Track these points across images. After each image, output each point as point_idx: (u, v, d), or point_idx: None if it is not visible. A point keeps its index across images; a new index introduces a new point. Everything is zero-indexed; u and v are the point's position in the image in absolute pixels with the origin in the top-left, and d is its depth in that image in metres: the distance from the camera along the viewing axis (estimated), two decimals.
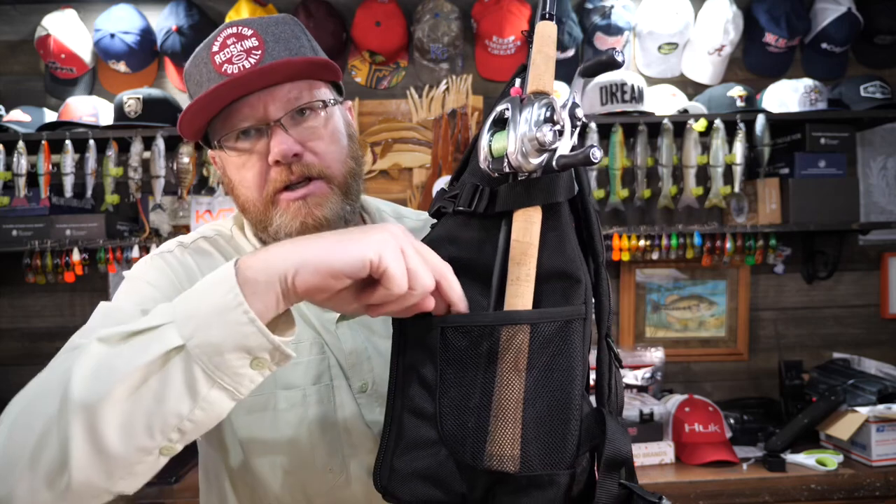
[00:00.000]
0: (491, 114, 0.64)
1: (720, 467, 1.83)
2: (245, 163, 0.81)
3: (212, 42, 0.80)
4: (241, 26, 0.79)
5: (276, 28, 0.80)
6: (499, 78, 2.37)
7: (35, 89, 2.40)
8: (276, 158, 0.77)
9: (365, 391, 0.85)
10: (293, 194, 0.79)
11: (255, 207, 0.82)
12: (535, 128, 0.58)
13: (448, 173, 2.27)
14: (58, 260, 2.10)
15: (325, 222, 0.80)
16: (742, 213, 2.26)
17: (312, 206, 0.80)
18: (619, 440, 0.59)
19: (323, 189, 0.81)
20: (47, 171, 2.08)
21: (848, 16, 2.25)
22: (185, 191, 2.14)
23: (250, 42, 0.78)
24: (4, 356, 2.39)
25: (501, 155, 0.60)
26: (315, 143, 0.80)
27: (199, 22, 2.26)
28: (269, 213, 0.81)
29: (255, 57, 0.77)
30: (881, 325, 2.43)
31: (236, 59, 0.77)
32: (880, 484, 1.76)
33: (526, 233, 0.60)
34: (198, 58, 0.81)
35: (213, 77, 0.78)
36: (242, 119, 0.79)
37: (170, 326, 0.56)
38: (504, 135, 0.60)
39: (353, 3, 2.32)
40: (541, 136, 0.57)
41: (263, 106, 0.78)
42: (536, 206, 0.60)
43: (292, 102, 0.79)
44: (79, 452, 0.55)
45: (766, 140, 2.14)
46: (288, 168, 0.79)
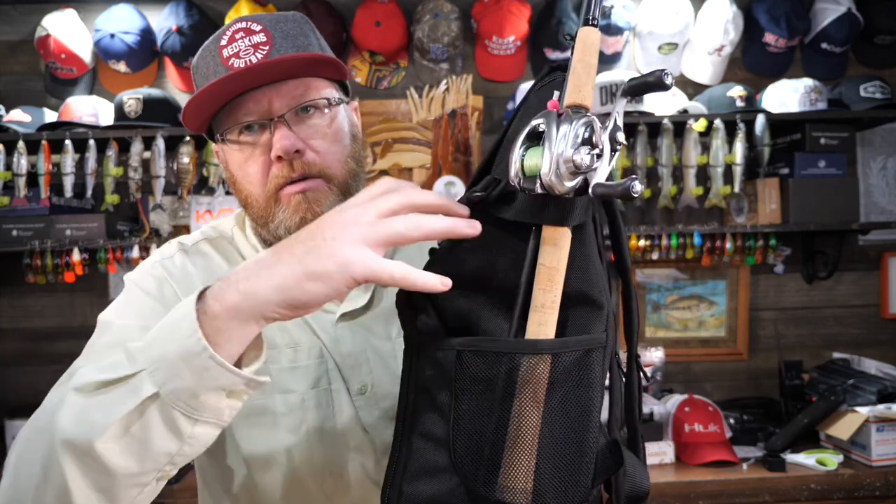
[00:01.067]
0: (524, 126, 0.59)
1: (720, 467, 1.84)
2: (248, 158, 0.80)
3: (220, 36, 0.80)
4: (250, 21, 0.79)
5: (286, 25, 0.80)
6: (499, 78, 2.37)
7: (35, 89, 2.40)
8: (278, 154, 0.77)
9: (364, 393, 0.85)
10: (293, 188, 0.79)
11: (257, 203, 0.81)
12: (573, 149, 0.54)
13: (448, 173, 2.27)
14: (58, 260, 2.10)
15: None
16: (742, 213, 2.26)
17: (312, 201, 0.79)
18: (638, 474, 0.58)
19: (321, 185, 0.80)
20: (47, 171, 2.08)
21: (848, 16, 2.25)
22: (185, 191, 2.14)
23: (258, 37, 0.78)
24: (4, 356, 2.39)
25: (534, 174, 0.56)
26: (317, 142, 0.80)
27: (199, 22, 2.26)
28: (270, 209, 0.80)
29: (262, 52, 0.77)
30: (881, 325, 2.43)
31: (244, 53, 0.77)
32: (880, 484, 1.76)
33: (554, 257, 0.57)
34: (206, 51, 0.81)
35: (219, 70, 0.78)
36: (247, 113, 0.78)
37: (143, 375, 0.56)
38: (538, 152, 0.56)
39: (353, 3, 2.32)
40: (578, 158, 0.54)
41: (268, 101, 0.78)
42: (567, 227, 0.57)
43: (297, 99, 0.79)
44: (79, 493, 0.57)
45: (765, 140, 2.14)
46: (290, 164, 0.78)
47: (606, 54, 2.34)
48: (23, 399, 2.31)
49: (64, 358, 2.67)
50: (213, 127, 0.84)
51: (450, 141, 2.31)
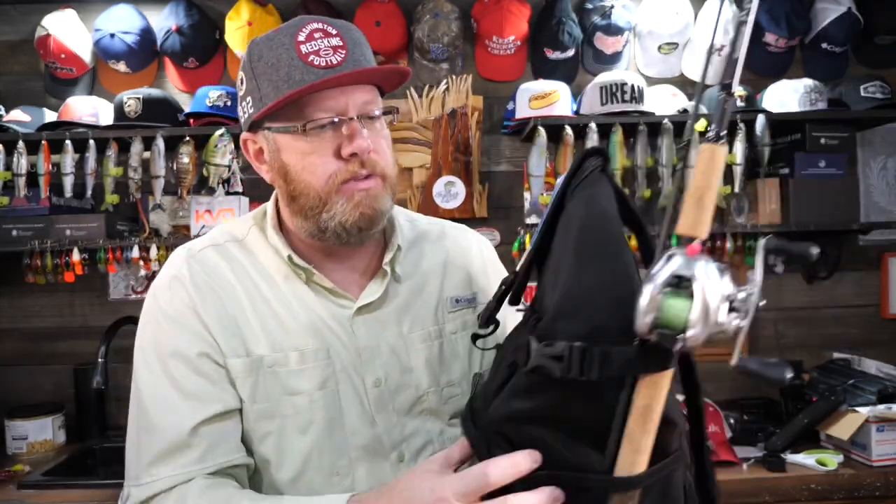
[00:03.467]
0: (659, 263, 0.54)
1: (720, 467, 1.83)
2: (315, 150, 0.83)
3: (296, 31, 0.82)
4: (325, 24, 0.83)
5: (353, 33, 0.85)
6: (499, 78, 2.37)
7: (35, 89, 2.40)
8: (354, 151, 0.82)
9: (378, 386, 0.89)
10: (360, 184, 0.84)
11: (314, 192, 0.84)
12: (725, 313, 0.52)
13: (448, 173, 2.27)
14: (58, 260, 2.10)
15: (380, 214, 0.86)
16: (742, 213, 2.26)
17: (371, 199, 0.84)
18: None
19: (380, 185, 0.86)
20: (47, 171, 2.08)
21: (848, 16, 2.25)
22: (185, 191, 2.14)
23: (336, 41, 0.82)
24: (4, 356, 2.39)
25: (676, 328, 0.52)
26: (379, 145, 0.86)
27: (199, 22, 2.26)
28: (330, 199, 0.83)
29: (340, 55, 0.81)
30: (881, 325, 2.43)
31: (324, 52, 0.81)
32: (880, 484, 1.76)
33: (654, 398, 0.56)
34: (274, 42, 0.82)
35: (295, 64, 0.80)
36: (323, 110, 0.82)
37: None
38: (684, 306, 0.52)
39: (353, 3, 2.32)
40: (725, 326, 0.52)
41: (346, 102, 0.82)
42: (670, 370, 0.56)
43: (367, 105, 0.85)
44: None
45: (766, 140, 2.13)
46: (360, 162, 0.83)
47: (606, 54, 2.34)
48: (22, 399, 2.31)
49: (63, 358, 2.68)
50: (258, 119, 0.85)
51: (450, 141, 2.31)
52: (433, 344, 0.94)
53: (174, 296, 0.86)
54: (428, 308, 0.95)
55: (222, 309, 0.86)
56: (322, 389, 0.86)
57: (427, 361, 0.92)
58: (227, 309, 0.86)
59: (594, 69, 2.35)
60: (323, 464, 0.85)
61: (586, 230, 0.64)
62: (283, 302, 0.88)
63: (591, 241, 0.63)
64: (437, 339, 0.95)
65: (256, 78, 0.83)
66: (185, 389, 0.82)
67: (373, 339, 0.90)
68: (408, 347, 0.92)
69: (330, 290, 0.90)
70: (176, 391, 0.82)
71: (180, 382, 0.82)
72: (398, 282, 0.95)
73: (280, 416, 0.85)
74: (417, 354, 0.92)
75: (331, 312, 0.89)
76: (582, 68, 2.39)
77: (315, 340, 0.87)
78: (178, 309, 0.85)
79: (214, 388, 0.83)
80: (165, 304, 0.86)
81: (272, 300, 0.88)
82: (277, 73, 0.81)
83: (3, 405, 2.24)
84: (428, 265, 0.98)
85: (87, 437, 2.22)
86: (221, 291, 0.87)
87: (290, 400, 0.85)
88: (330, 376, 0.87)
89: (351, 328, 0.89)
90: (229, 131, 2.09)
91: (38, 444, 2.10)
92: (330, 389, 0.86)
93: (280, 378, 0.85)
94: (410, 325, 0.93)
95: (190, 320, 0.84)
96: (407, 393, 0.91)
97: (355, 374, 0.88)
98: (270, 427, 0.85)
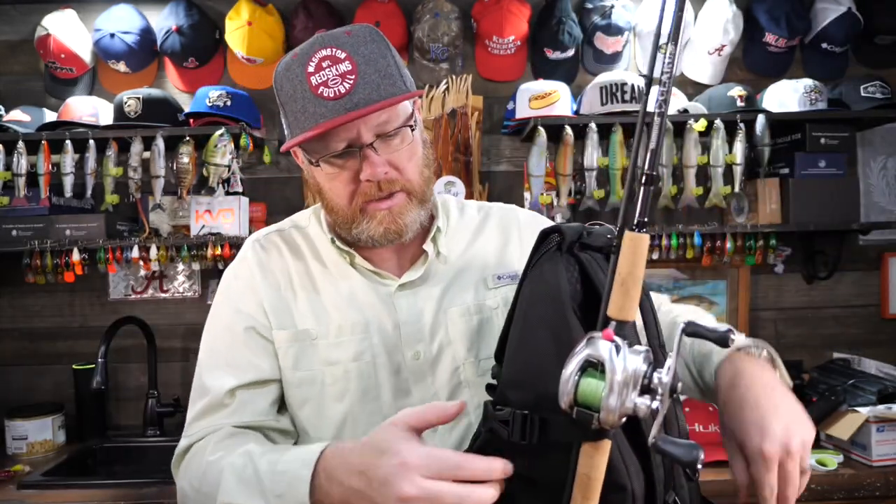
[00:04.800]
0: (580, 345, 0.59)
1: (720, 467, 1.83)
2: (337, 176, 0.90)
3: (307, 61, 0.86)
4: (334, 48, 0.86)
5: (366, 48, 0.87)
6: (499, 78, 2.37)
7: (35, 89, 2.40)
8: (367, 178, 0.88)
9: (418, 359, 0.96)
10: (380, 205, 0.91)
11: (343, 212, 0.93)
12: (636, 397, 0.55)
13: (448, 173, 2.27)
14: (57, 260, 2.10)
15: (405, 229, 0.93)
16: (742, 213, 2.26)
17: (395, 215, 0.91)
18: None
19: (403, 200, 0.92)
20: (47, 171, 2.08)
21: (848, 16, 2.25)
22: (185, 191, 2.13)
23: (344, 66, 0.85)
24: (4, 356, 2.39)
25: (590, 407, 0.57)
26: (399, 162, 0.90)
27: (199, 22, 2.26)
28: (356, 219, 0.92)
29: (349, 82, 0.84)
30: (881, 325, 2.43)
31: (332, 83, 0.84)
32: (880, 484, 1.76)
33: (592, 467, 0.60)
34: (291, 73, 0.88)
35: (308, 97, 0.86)
36: (338, 141, 0.87)
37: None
38: (596, 388, 0.56)
39: (353, 3, 2.32)
40: (642, 406, 0.55)
41: (357, 130, 0.87)
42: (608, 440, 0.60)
43: (382, 127, 0.88)
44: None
45: (766, 140, 2.13)
46: (377, 185, 0.89)
47: (606, 54, 2.34)
48: (22, 399, 2.31)
49: (63, 358, 2.67)
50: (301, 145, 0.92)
51: (450, 141, 2.31)
52: (472, 318, 0.98)
53: (238, 276, 1.00)
54: (469, 285, 1.00)
55: (276, 287, 0.98)
56: (356, 361, 0.94)
57: (465, 334, 0.97)
58: (280, 287, 0.98)
59: (594, 69, 2.35)
60: (357, 431, 0.92)
61: (532, 307, 0.72)
62: (331, 281, 0.99)
63: (537, 317, 0.70)
64: (476, 313, 0.99)
65: (283, 105, 0.92)
66: (229, 359, 0.95)
67: (413, 315, 0.96)
68: (447, 321, 0.97)
69: (372, 271, 0.99)
70: (223, 360, 0.95)
71: (227, 353, 0.96)
72: (443, 263, 1.02)
73: (319, 383, 0.94)
74: (455, 327, 0.97)
75: (373, 290, 0.98)
76: (582, 68, 2.39)
77: (355, 316, 0.96)
78: (239, 288, 0.99)
79: (255, 359, 0.95)
80: (231, 282, 1.01)
81: (321, 279, 0.99)
82: (295, 104, 0.88)
83: (3, 405, 2.24)
84: (473, 246, 1.04)
85: (87, 437, 2.21)
86: (278, 272, 1.00)
87: (328, 369, 0.94)
88: (366, 350, 0.95)
89: (392, 304, 0.97)
90: (229, 131, 2.09)
91: (38, 444, 2.10)
92: (365, 362, 0.94)
93: (319, 349, 0.95)
94: (450, 301, 0.99)
95: (247, 298, 0.98)
96: (444, 364, 0.96)
97: (394, 347, 0.95)
98: (310, 393, 0.95)
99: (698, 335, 0.60)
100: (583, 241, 0.77)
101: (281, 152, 0.94)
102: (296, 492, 0.74)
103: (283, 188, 2.38)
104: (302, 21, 2.21)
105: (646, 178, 0.60)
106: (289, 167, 2.37)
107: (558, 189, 2.18)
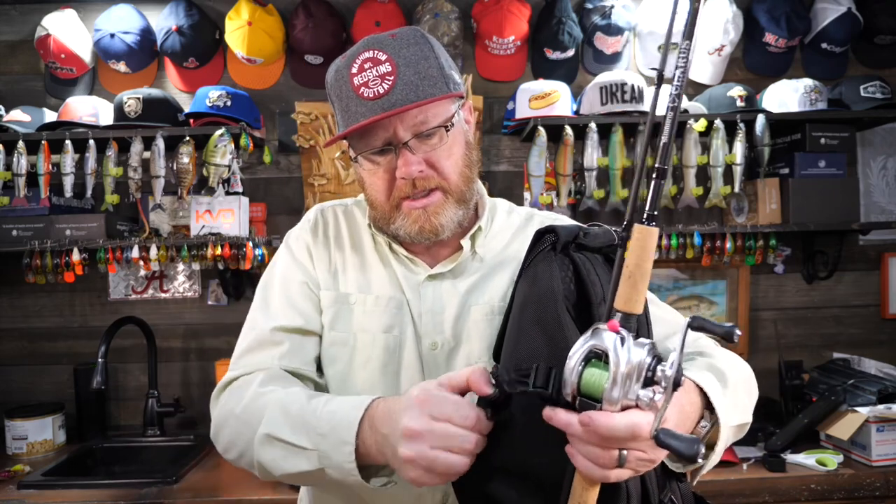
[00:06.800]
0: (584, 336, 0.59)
1: (720, 467, 1.83)
2: (375, 172, 0.95)
3: (351, 63, 0.92)
4: (376, 50, 0.91)
5: (408, 51, 0.91)
6: (499, 78, 2.37)
7: (35, 89, 2.40)
8: (402, 176, 0.92)
9: (434, 349, 0.98)
10: (415, 203, 0.94)
11: (381, 208, 0.97)
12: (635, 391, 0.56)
13: None
14: (58, 260, 2.10)
15: (440, 229, 0.95)
16: (742, 213, 2.26)
17: (430, 214, 0.94)
18: None
19: (439, 199, 0.95)
20: (47, 171, 2.08)
21: (848, 16, 2.25)
22: (185, 191, 2.13)
23: (384, 67, 0.90)
24: (4, 356, 2.39)
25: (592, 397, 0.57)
26: (436, 161, 0.93)
27: (199, 22, 2.26)
28: (393, 215, 0.96)
29: (388, 82, 0.89)
30: (881, 325, 2.43)
31: (372, 83, 0.89)
32: (880, 484, 1.76)
33: None
34: (338, 73, 0.94)
35: (351, 96, 0.91)
36: (376, 138, 0.92)
37: (315, 455, 0.81)
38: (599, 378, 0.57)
39: (353, 3, 2.32)
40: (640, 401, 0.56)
41: (395, 129, 0.91)
42: None
43: (418, 126, 0.91)
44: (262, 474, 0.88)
45: (766, 140, 2.13)
46: (412, 182, 0.93)
47: (606, 54, 2.34)
48: (23, 399, 2.32)
49: (63, 358, 2.67)
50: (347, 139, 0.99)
51: None
52: (495, 318, 0.99)
53: (300, 238, 1.08)
54: (499, 287, 1.01)
55: (328, 253, 1.06)
56: (385, 333, 0.99)
57: (484, 333, 0.98)
58: (331, 254, 1.06)
59: (594, 69, 2.35)
60: None
61: (526, 307, 0.73)
62: (377, 258, 1.04)
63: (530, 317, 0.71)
64: (500, 314, 0.99)
65: (333, 102, 0.97)
66: (282, 302, 1.01)
67: (437, 306, 0.99)
68: (468, 318, 0.99)
69: (407, 257, 1.02)
70: (276, 303, 1.02)
71: (280, 298, 1.02)
72: (478, 261, 1.04)
73: (350, 346, 0.99)
74: (476, 326, 0.99)
75: (405, 275, 1.01)
76: (582, 68, 2.39)
77: (393, 293, 1.01)
78: (299, 248, 1.06)
79: (305, 309, 1.01)
80: (293, 243, 1.07)
81: (367, 253, 1.05)
82: (341, 103, 0.93)
83: (3, 405, 2.24)
84: (511, 250, 1.06)
85: (87, 437, 2.22)
86: (332, 240, 1.07)
87: (360, 335, 0.99)
88: (396, 325, 0.99)
89: (419, 292, 1.00)
90: (229, 131, 2.09)
91: (38, 444, 2.10)
92: (393, 336, 0.99)
93: (356, 314, 1.00)
94: (476, 298, 1.00)
95: (303, 257, 1.05)
96: (458, 360, 0.98)
97: (416, 334, 0.99)
98: (342, 354, 1.00)
99: (704, 329, 0.61)
100: (579, 241, 0.78)
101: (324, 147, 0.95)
102: (341, 432, 0.78)
103: (283, 188, 2.38)
104: (302, 21, 2.21)
105: (657, 171, 0.61)
106: (289, 167, 2.38)
107: (558, 189, 2.18)
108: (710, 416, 0.76)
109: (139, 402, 2.31)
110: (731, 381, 0.81)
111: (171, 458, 2.10)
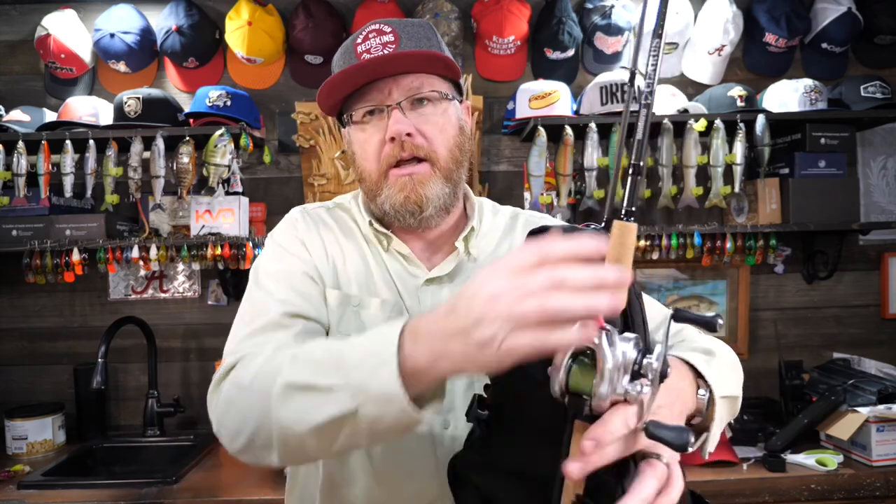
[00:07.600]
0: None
1: (720, 467, 1.83)
2: (367, 138, 0.94)
3: (358, 35, 0.94)
4: (383, 24, 0.93)
5: (412, 28, 0.94)
6: (499, 78, 2.37)
7: (35, 89, 2.40)
8: (391, 135, 0.91)
9: None
10: (401, 171, 0.93)
11: (370, 178, 0.95)
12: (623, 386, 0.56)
13: None
14: (57, 260, 2.10)
15: (425, 200, 0.93)
16: (742, 213, 2.26)
17: (416, 182, 0.92)
18: None
19: (426, 170, 0.93)
20: (47, 171, 2.08)
21: (848, 16, 2.25)
22: (185, 191, 2.13)
23: (388, 37, 0.92)
24: (4, 356, 2.39)
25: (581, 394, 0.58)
26: (426, 128, 0.93)
27: (199, 21, 2.26)
28: (380, 185, 0.94)
29: (389, 49, 0.91)
30: (881, 325, 2.43)
31: (374, 49, 0.91)
32: (880, 484, 1.76)
33: None
34: (345, 48, 0.95)
35: (352, 61, 0.92)
36: (370, 100, 0.93)
37: (345, 393, 0.65)
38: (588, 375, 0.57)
39: (353, 3, 2.32)
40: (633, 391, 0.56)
41: (389, 90, 0.92)
42: None
43: (413, 91, 0.92)
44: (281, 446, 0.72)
45: (766, 140, 2.13)
46: (400, 145, 0.91)
47: (606, 54, 2.34)
48: (23, 399, 2.32)
49: (63, 358, 2.67)
50: (343, 110, 0.98)
51: None
52: None
53: (287, 233, 1.01)
54: None
55: (324, 250, 1.00)
56: None
57: None
58: (327, 251, 1.00)
59: (594, 69, 2.35)
60: None
61: None
62: (376, 259, 1.01)
63: None
64: None
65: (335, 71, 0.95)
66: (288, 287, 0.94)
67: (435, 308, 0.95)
68: None
69: (405, 257, 1.00)
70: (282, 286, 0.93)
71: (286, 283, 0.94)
72: (473, 262, 1.03)
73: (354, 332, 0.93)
74: None
75: (402, 279, 0.99)
76: (582, 68, 2.39)
77: (395, 298, 0.98)
78: (290, 242, 1.00)
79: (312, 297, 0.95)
80: (281, 238, 1.01)
81: (366, 254, 1.01)
82: (343, 67, 0.93)
83: (3, 405, 2.24)
84: (501, 250, 1.06)
85: (87, 437, 2.22)
86: (325, 238, 1.02)
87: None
88: None
89: (417, 296, 0.98)
90: (229, 131, 2.09)
91: (38, 444, 2.10)
92: None
93: (360, 318, 0.96)
94: None
95: (298, 249, 0.99)
96: None
97: None
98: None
99: (687, 320, 0.61)
100: None
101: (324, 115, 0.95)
102: (379, 352, 0.64)
103: (283, 188, 2.38)
104: (302, 21, 2.21)
105: (633, 168, 0.62)
106: (289, 167, 2.38)
107: (558, 189, 2.18)
108: (704, 384, 0.76)
109: (139, 402, 2.31)
110: (716, 357, 0.82)
111: (171, 458, 2.10)
